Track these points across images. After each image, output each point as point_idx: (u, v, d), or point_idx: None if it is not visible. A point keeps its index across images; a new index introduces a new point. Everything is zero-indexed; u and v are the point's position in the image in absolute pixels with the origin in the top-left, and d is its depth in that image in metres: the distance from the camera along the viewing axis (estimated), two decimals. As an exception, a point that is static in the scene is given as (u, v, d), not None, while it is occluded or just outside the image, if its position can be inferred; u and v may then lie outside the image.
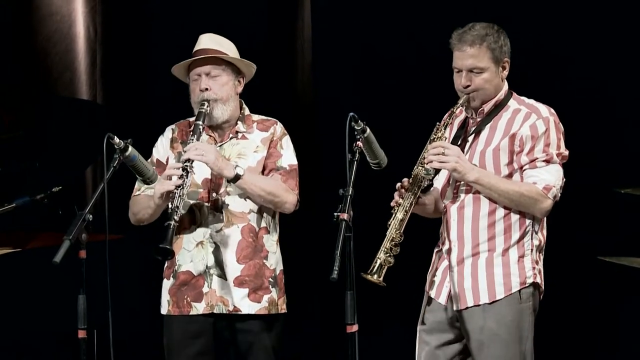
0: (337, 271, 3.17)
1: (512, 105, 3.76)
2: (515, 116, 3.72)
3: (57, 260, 3.39)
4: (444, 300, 3.76)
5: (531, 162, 3.67)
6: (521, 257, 3.69)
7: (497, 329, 3.66)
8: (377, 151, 3.58)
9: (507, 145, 3.69)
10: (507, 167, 3.70)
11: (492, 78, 3.72)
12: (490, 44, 3.70)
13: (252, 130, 4.07)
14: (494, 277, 3.68)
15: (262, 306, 3.97)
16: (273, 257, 4.03)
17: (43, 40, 6.39)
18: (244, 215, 3.98)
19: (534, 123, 3.68)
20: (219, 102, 3.98)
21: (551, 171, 3.67)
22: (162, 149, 4.10)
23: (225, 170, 3.87)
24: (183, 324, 3.98)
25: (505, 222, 3.69)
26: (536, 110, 3.72)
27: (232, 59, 4.02)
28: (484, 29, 3.72)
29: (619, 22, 5.15)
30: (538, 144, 3.66)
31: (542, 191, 3.65)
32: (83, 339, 3.50)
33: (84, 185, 6.25)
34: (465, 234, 3.72)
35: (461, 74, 3.71)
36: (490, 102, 3.75)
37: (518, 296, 3.68)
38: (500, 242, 3.69)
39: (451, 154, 3.63)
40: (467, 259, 3.72)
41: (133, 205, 4.04)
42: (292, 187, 4.01)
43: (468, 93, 3.71)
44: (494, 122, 3.74)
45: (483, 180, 3.64)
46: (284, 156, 4.04)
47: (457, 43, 3.72)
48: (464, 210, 3.73)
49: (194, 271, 3.98)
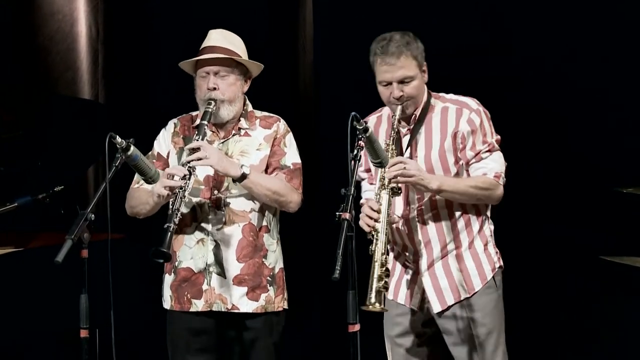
0: (339, 271, 3.17)
1: (436, 104, 3.82)
2: (446, 115, 3.79)
3: (59, 259, 3.39)
4: (415, 305, 3.83)
5: (476, 156, 3.76)
6: (485, 245, 3.83)
7: (482, 319, 3.76)
8: (379, 150, 3.57)
9: (450, 144, 3.76)
10: (455, 165, 3.78)
11: (420, 85, 3.78)
12: (413, 52, 3.74)
13: (255, 127, 4.06)
14: (468, 270, 3.78)
15: (259, 305, 3.97)
16: (272, 255, 4.03)
17: (45, 39, 6.39)
18: (245, 214, 3.98)
19: (469, 117, 3.76)
20: (226, 103, 3.97)
21: (495, 159, 3.78)
22: (163, 142, 4.09)
23: (231, 170, 3.87)
24: (184, 320, 3.99)
25: (465, 217, 3.79)
26: (465, 105, 3.80)
27: (243, 60, 4.01)
28: (404, 37, 3.74)
29: (618, 22, 5.14)
30: (477, 137, 3.75)
31: (493, 180, 3.75)
32: (85, 338, 3.51)
33: (86, 185, 6.25)
34: (432, 237, 3.79)
35: (390, 87, 3.74)
36: (420, 106, 3.81)
37: (493, 283, 3.80)
38: (464, 237, 3.80)
39: (412, 167, 3.66)
40: (437, 260, 3.79)
41: (131, 198, 4.03)
42: (297, 186, 4.01)
43: (402, 103, 3.74)
44: (426, 125, 3.80)
45: (445, 186, 3.70)
46: (287, 154, 4.03)
47: (382, 56, 3.72)
48: (424, 217, 3.79)
49: (194, 268, 3.98)
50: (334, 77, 5.96)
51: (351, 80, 5.84)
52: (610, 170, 5.09)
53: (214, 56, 3.96)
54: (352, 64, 5.89)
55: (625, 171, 5.02)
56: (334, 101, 5.86)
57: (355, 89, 5.78)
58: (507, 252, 4.07)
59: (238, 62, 4.01)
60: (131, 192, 4.05)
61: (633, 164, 5.04)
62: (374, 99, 5.53)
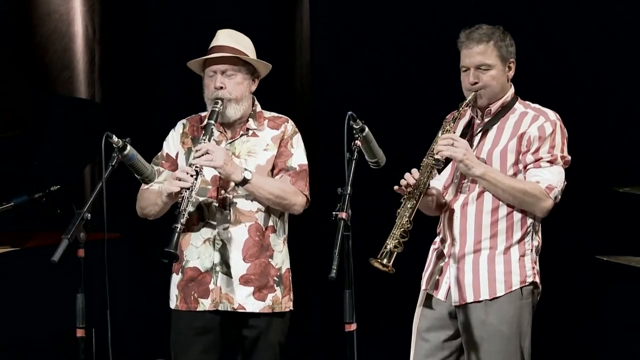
0: (336, 270, 3.17)
1: (518, 108, 3.81)
2: (522, 118, 3.77)
3: (55, 259, 3.38)
4: (443, 296, 3.79)
5: (535, 162, 3.71)
6: (522, 256, 3.74)
7: (498, 325, 3.70)
8: (376, 150, 3.57)
9: (515, 145, 3.73)
10: (513, 167, 3.74)
11: (499, 76, 3.76)
12: (497, 42, 3.75)
13: (263, 127, 4.06)
14: (495, 274, 3.72)
15: (266, 305, 3.97)
16: (279, 255, 4.03)
17: (41, 39, 6.39)
18: (252, 214, 3.98)
19: (542, 125, 3.73)
20: (233, 102, 3.97)
21: (554, 172, 3.71)
22: (172, 143, 4.09)
23: (233, 175, 3.87)
24: (190, 320, 3.98)
25: (508, 220, 3.73)
26: (544, 114, 3.77)
27: (250, 59, 4.02)
28: (491, 29, 3.77)
29: (618, 21, 5.14)
30: (544, 145, 3.71)
31: (544, 190, 3.68)
32: (81, 337, 3.50)
33: (83, 184, 6.25)
34: (468, 230, 3.75)
35: (469, 72, 3.76)
36: (497, 102, 3.79)
37: (520, 293, 3.72)
38: (502, 240, 3.73)
39: (460, 146, 3.67)
40: (469, 255, 3.75)
41: (141, 199, 4.04)
42: (302, 188, 4.01)
43: (476, 90, 3.75)
44: (501, 123, 3.78)
45: (489, 175, 3.68)
46: (294, 156, 4.03)
47: (464, 41, 3.77)
48: (467, 207, 3.76)
49: (201, 268, 3.98)
50: (331, 76, 5.96)
51: (348, 79, 5.85)
52: (607, 169, 5.09)
53: (221, 55, 3.97)
54: (349, 63, 5.91)
55: (622, 170, 5.03)
56: (330, 100, 5.87)
57: (352, 88, 5.79)
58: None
59: (246, 62, 4.01)
60: (141, 193, 4.05)
61: (629, 163, 5.05)
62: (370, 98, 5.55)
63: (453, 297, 3.75)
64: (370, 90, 5.75)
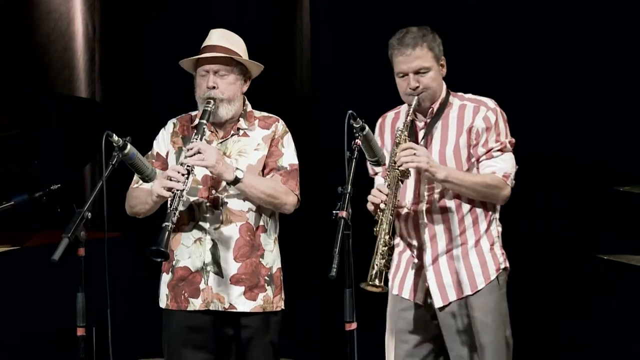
0: (336, 269, 3.17)
1: (454, 102, 3.86)
2: (463, 111, 3.82)
3: (55, 258, 3.38)
4: (420, 300, 3.84)
5: (487, 153, 3.78)
6: (492, 245, 3.84)
7: (483, 318, 3.77)
8: (376, 149, 3.57)
9: (465, 140, 3.79)
10: (467, 162, 3.80)
11: (436, 76, 3.81)
12: (430, 43, 3.79)
13: (254, 127, 4.06)
14: (472, 268, 3.79)
15: (257, 304, 3.97)
16: (269, 255, 4.03)
17: (42, 38, 6.39)
18: (243, 213, 3.98)
19: (485, 115, 3.80)
20: (225, 102, 3.97)
21: (506, 160, 3.79)
22: (162, 142, 4.09)
23: (225, 174, 3.86)
24: (181, 319, 3.98)
25: (472, 215, 3.81)
26: (483, 103, 3.83)
27: (243, 60, 4.01)
28: (421, 30, 3.81)
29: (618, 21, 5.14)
30: (491, 135, 3.78)
31: (502, 179, 3.77)
32: (82, 336, 3.51)
33: (83, 183, 6.26)
34: (438, 232, 3.80)
35: (407, 78, 3.79)
36: (437, 101, 3.84)
37: (496, 282, 3.81)
38: (471, 235, 3.81)
39: (422, 154, 3.69)
40: (442, 255, 3.81)
41: (131, 198, 4.03)
42: (293, 187, 4.01)
43: (418, 94, 3.78)
44: (443, 121, 3.83)
45: (452, 177, 3.72)
46: (285, 155, 4.03)
47: (399, 47, 3.79)
48: (432, 211, 3.81)
49: (191, 267, 3.98)
50: (331, 75, 5.96)
51: (348, 79, 5.85)
52: (607, 168, 5.09)
53: (214, 55, 3.96)
54: (349, 63, 5.91)
55: (623, 169, 5.03)
56: (331, 100, 5.86)
57: (352, 87, 5.79)
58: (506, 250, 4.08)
59: (238, 62, 4.00)
60: (130, 192, 4.05)
61: (630, 162, 5.05)
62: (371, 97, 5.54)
63: (435, 301, 3.80)
64: (370, 89, 5.74)
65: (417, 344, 3.85)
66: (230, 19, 6.08)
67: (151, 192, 3.87)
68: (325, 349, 5.77)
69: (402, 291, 3.88)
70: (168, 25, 6.28)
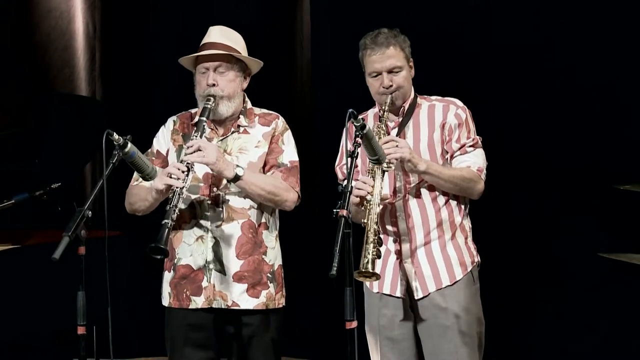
0: (337, 267, 3.17)
1: (423, 103, 3.94)
2: (433, 110, 3.91)
3: (56, 256, 3.38)
4: (401, 293, 3.86)
5: (461, 148, 3.86)
6: (466, 238, 3.91)
7: (458, 311, 3.81)
8: (377, 147, 3.57)
9: (439, 136, 3.86)
10: (441, 157, 3.87)
11: (408, 76, 3.90)
12: (401, 44, 3.89)
13: (254, 124, 4.06)
14: (450, 259, 3.85)
15: (260, 301, 3.97)
16: (272, 252, 4.03)
17: (42, 37, 6.40)
18: (244, 211, 3.98)
19: (456, 112, 3.89)
20: (225, 99, 3.97)
21: (478, 155, 3.88)
22: (162, 140, 4.09)
23: (225, 171, 3.87)
24: (183, 317, 3.98)
25: (447, 208, 3.87)
26: (452, 102, 3.93)
27: (243, 57, 4.01)
28: (392, 31, 3.90)
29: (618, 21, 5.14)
30: (463, 132, 3.86)
31: (477, 173, 3.85)
32: (82, 335, 3.51)
33: (83, 182, 6.26)
34: (416, 224, 3.85)
35: (380, 77, 3.86)
36: (407, 101, 3.91)
37: (471, 277, 3.87)
38: (447, 227, 3.87)
39: (404, 145, 3.75)
40: (420, 248, 3.85)
41: (130, 195, 4.04)
42: (293, 184, 4.01)
43: (391, 93, 3.85)
44: (414, 120, 3.90)
45: (432, 169, 3.79)
46: (285, 152, 4.03)
47: (372, 46, 3.87)
48: (409, 203, 3.86)
49: (193, 265, 3.98)
50: (331, 74, 5.96)
51: (348, 78, 5.83)
52: (608, 167, 5.09)
53: (213, 52, 3.96)
54: (349, 62, 5.90)
55: (623, 168, 5.03)
56: (331, 99, 5.86)
57: (352, 86, 5.78)
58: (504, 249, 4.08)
59: (238, 59, 4.00)
60: (130, 190, 4.05)
61: (631, 160, 5.05)
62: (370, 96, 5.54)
63: (415, 292, 3.83)
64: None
65: (398, 337, 3.87)
66: (230, 18, 6.05)
67: (151, 189, 3.87)
68: (326, 347, 5.77)
69: (382, 287, 3.90)
70: (168, 24, 6.28)
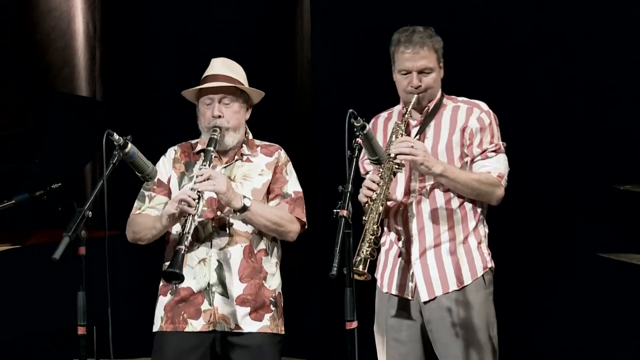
0: (337, 268, 3.17)
1: (448, 103, 3.90)
2: (457, 112, 3.86)
3: (56, 256, 3.38)
4: (409, 294, 3.85)
5: (482, 153, 3.82)
6: (479, 243, 3.86)
7: (466, 315, 3.78)
8: (377, 147, 3.57)
9: (459, 139, 3.82)
10: (459, 160, 3.83)
11: (438, 78, 3.87)
12: (434, 45, 3.84)
13: (257, 154, 4.08)
14: (459, 263, 3.81)
15: (264, 324, 3.95)
16: (272, 279, 4.02)
17: (42, 37, 6.40)
18: (248, 234, 3.97)
19: (480, 116, 3.84)
20: (230, 130, 3.98)
21: (500, 160, 3.84)
22: (163, 168, 4.07)
23: (233, 202, 3.86)
24: (176, 341, 3.94)
25: (461, 211, 3.83)
26: (477, 105, 3.88)
27: (247, 88, 4.03)
28: (427, 31, 3.85)
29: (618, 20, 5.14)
30: (485, 136, 3.82)
31: (496, 179, 3.80)
32: (82, 335, 3.50)
33: (83, 182, 6.26)
34: (426, 226, 3.82)
35: (410, 76, 3.82)
36: (433, 100, 3.89)
37: (482, 282, 3.82)
38: (459, 231, 3.83)
39: (419, 147, 3.73)
40: (430, 250, 3.82)
41: (134, 225, 4.01)
42: (300, 215, 4.01)
43: (419, 93, 3.82)
44: (436, 120, 3.87)
45: (448, 172, 3.76)
46: (289, 182, 4.05)
47: (407, 44, 3.82)
48: (421, 204, 3.83)
49: (194, 288, 3.95)
50: (332, 75, 5.96)
51: (348, 77, 5.84)
52: (608, 167, 5.09)
53: (219, 84, 3.97)
54: (349, 61, 5.90)
55: (623, 168, 5.03)
56: (331, 99, 5.86)
57: (352, 86, 5.79)
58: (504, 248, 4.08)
59: (242, 90, 4.01)
60: (133, 219, 4.03)
61: (630, 160, 5.05)
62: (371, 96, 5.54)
63: (421, 294, 3.81)
64: (370, 88, 5.74)
65: (406, 339, 3.85)
66: (231, 18, 6.08)
67: (161, 216, 3.87)
68: (326, 347, 5.77)
69: (390, 288, 3.89)
70: (168, 24, 6.28)
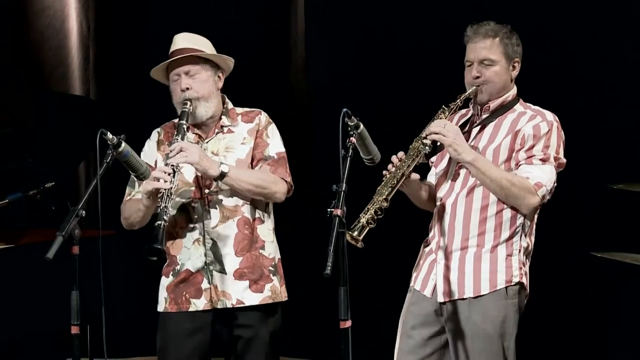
0: (331, 267, 3.16)
1: (518, 109, 3.80)
2: (520, 117, 3.76)
3: (49, 256, 3.38)
4: (429, 292, 3.80)
5: (527, 159, 3.68)
6: (509, 255, 3.72)
7: (482, 323, 3.69)
8: (371, 147, 3.57)
9: (509, 142, 3.72)
10: (505, 164, 3.72)
11: (502, 73, 3.77)
12: (503, 39, 3.76)
13: (237, 123, 4.07)
14: (480, 272, 3.70)
15: (265, 295, 3.98)
16: (270, 245, 4.05)
17: (36, 35, 6.38)
18: (238, 208, 3.98)
19: (538, 124, 3.71)
20: (201, 100, 3.98)
21: (545, 171, 3.68)
22: (149, 152, 4.09)
23: (210, 170, 3.86)
24: (180, 321, 3.97)
25: (497, 219, 3.71)
26: (541, 114, 3.76)
27: (209, 55, 4.02)
28: (498, 26, 3.79)
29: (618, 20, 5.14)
30: (538, 144, 3.69)
31: (533, 186, 3.66)
32: (76, 334, 3.50)
33: (77, 181, 6.25)
34: (457, 226, 3.74)
35: (472, 67, 3.76)
36: (497, 100, 3.79)
37: (504, 292, 3.70)
38: (489, 239, 3.71)
39: (451, 130, 3.67)
40: (455, 252, 3.75)
41: (124, 211, 4.04)
42: (283, 174, 4.01)
43: (477, 85, 3.75)
44: (498, 121, 3.78)
45: (478, 162, 3.66)
46: (270, 145, 4.04)
47: (471, 36, 3.78)
48: (457, 203, 3.75)
49: (192, 268, 3.98)
50: (326, 73, 5.96)
51: (343, 76, 5.85)
52: (601, 166, 5.10)
53: (180, 56, 3.97)
54: (343, 60, 5.91)
55: (617, 167, 5.03)
56: (325, 97, 5.86)
57: (347, 84, 5.79)
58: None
59: (206, 60, 4.01)
60: (124, 205, 4.06)
61: (624, 160, 5.05)
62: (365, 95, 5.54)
63: (439, 294, 3.76)
64: (365, 86, 5.74)
65: (421, 340, 3.79)
66: (225, 17, 6.08)
67: (141, 198, 3.88)
68: (320, 346, 5.77)
69: (416, 281, 3.85)
70: (163, 23, 6.27)
